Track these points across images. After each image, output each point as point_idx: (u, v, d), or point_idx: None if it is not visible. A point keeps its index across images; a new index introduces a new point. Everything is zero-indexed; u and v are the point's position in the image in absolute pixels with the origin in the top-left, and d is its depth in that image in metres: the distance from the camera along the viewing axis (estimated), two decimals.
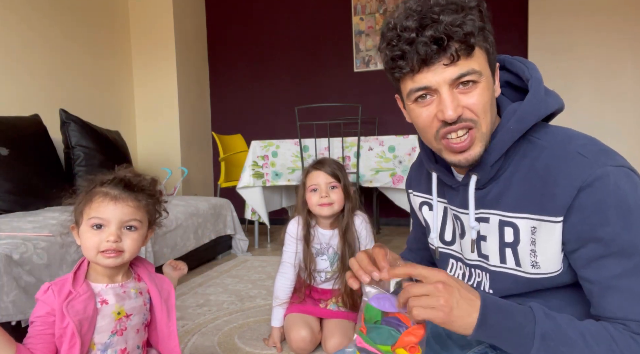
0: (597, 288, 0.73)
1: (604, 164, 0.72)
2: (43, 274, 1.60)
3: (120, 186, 0.95)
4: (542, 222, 0.76)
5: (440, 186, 0.93)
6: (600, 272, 0.72)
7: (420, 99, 0.78)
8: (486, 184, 0.83)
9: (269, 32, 4.40)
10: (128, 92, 4.01)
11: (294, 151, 3.08)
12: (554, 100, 0.82)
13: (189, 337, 1.70)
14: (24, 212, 2.21)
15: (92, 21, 3.54)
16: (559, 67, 3.61)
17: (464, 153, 0.79)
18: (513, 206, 0.80)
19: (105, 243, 0.92)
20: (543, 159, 0.77)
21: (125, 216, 0.94)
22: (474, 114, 0.76)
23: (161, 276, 1.09)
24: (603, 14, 3.54)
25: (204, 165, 4.51)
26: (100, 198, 0.93)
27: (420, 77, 0.76)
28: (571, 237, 0.74)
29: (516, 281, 0.82)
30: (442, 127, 0.78)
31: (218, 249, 3.07)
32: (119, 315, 0.96)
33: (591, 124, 3.57)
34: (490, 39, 0.77)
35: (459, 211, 0.90)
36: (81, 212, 0.95)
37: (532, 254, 0.78)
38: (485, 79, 0.76)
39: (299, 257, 1.61)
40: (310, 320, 1.57)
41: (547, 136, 0.80)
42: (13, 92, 2.84)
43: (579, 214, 0.72)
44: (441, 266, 0.99)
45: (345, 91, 4.21)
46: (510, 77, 0.87)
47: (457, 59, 0.73)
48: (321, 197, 1.53)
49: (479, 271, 0.89)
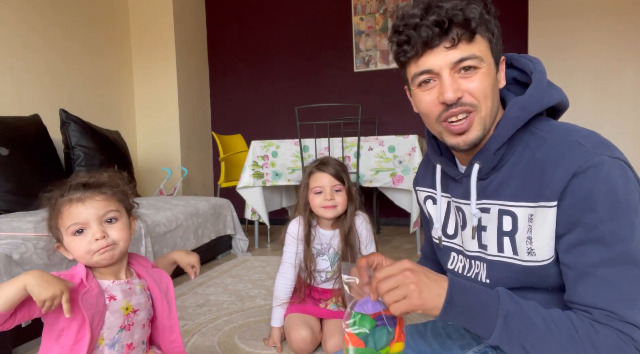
0: (573, 273, 0.75)
1: (601, 154, 0.73)
2: None
3: (79, 189, 0.94)
4: (538, 208, 0.78)
5: (443, 180, 0.96)
6: (579, 258, 0.74)
7: (424, 83, 0.82)
8: (488, 174, 0.85)
9: (269, 32, 4.40)
10: (128, 92, 4.02)
11: (294, 151, 3.08)
12: (557, 92, 0.84)
13: (189, 337, 1.70)
14: (24, 212, 2.21)
15: (92, 21, 3.54)
16: (559, 67, 3.61)
17: (462, 135, 0.82)
18: (512, 195, 0.82)
19: (95, 243, 0.92)
20: (543, 149, 0.79)
21: (99, 210, 0.93)
22: (474, 98, 0.79)
23: (158, 271, 1.09)
24: (603, 14, 3.54)
25: (204, 165, 4.51)
26: (67, 205, 0.92)
27: (423, 60, 0.80)
28: (561, 220, 0.75)
29: (513, 270, 0.83)
30: (444, 111, 0.81)
31: (218, 249, 3.07)
32: (127, 311, 0.97)
33: (591, 124, 3.56)
34: (494, 31, 0.81)
35: (461, 201, 0.91)
36: (56, 227, 0.94)
37: (528, 241, 0.80)
38: (487, 66, 0.79)
39: (299, 258, 1.61)
40: (310, 320, 1.57)
41: (549, 127, 0.82)
42: (13, 92, 2.84)
43: (570, 198, 0.74)
44: (443, 259, 1.01)
45: (345, 91, 4.21)
46: (516, 74, 0.90)
47: (458, 43, 0.77)
48: (325, 200, 1.52)
49: (478, 262, 0.90)
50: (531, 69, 0.86)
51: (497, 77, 0.83)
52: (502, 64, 0.86)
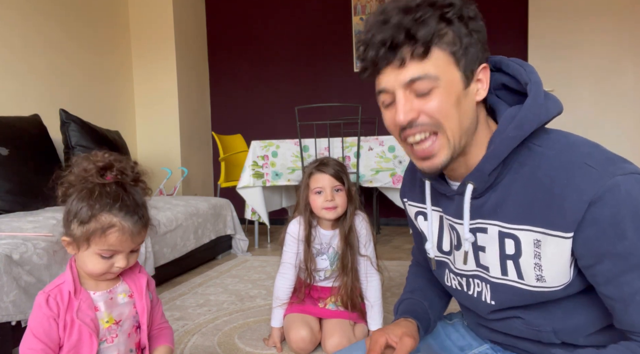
0: (619, 305, 0.71)
1: (612, 174, 0.68)
2: (43, 274, 1.60)
3: (129, 212, 0.88)
4: (548, 236, 0.73)
5: (434, 194, 0.91)
6: (622, 288, 0.70)
7: (385, 101, 0.79)
8: (483, 193, 0.80)
9: (269, 32, 4.40)
10: (128, 92, 4.01)
11: (294, 151, 3.08)
12: (554, 105, 0.78)
13: (189, 337, 1.70)
14: (24, 212, 2.21)
15: (92, 22, 3.54)
16: (559, 67, 3.61)
17: (427, 161, 0.78)
18: (513, 217, 0.77)
19: (115, 268, 0.91)
20: (545, 169, 0.74)
21: (136, 245, 0.93)
22: (431, 119, 0.74)
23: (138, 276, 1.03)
24: (603, 14, 3.54)
25: (204, 165, 4.51)
26: (116, 234, 0.87)
27: (379, 79, 0.77)
28: (585, 252, 0.71)
29: (519, 293, 0.80)
30: (401, 131, 0.77)
31: (218, 249, 3.07)
32: (107, 323, 0.94)
33: (591, 123, 3.57)
34: (462, 40, 0.73)
35: (454, 221, 0.87)
36: (87, 238, 0.87)
37: (537, 268, 0.76)
38: (446, 83, 0.73)
39: (299, 258, 1.61)
40: (309, 320, 1.57)
41: (548, 142, 0.76)
42: (13, 92, 2.84)
43: (593, 229, 0.69)
44: (439, 275, 0.98)
45: (345, 91, 4.21)
46: (506, 79, 0.83)
47: (405, 63, 0.72)
48: (326, 201, 1.52)
49: (478, 281, 0.87)
50: (525, 80, 0.78)
51: (469, 90, 0.75)
52: (484, 72, 0.77)
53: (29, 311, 1.50)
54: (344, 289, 1.58)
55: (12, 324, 1.48)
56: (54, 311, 0.88)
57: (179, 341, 1.67)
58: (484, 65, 0.77)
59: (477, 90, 0.77)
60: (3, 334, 1.47)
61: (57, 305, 0.88)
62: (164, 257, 2.39)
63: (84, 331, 0.89)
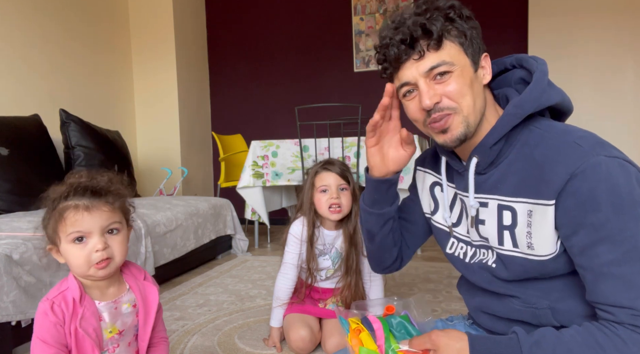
0: (590, 275, 0.77)
1: (597, 154, 0.75)
2: (43, 274, 1.60)
3: (86, 194, 0.90)
4: (537, 205, 0.81)
5: (449, 171, 1.02)
6: (592, 259, 0.76)
7: (408, 94, 0.90)
8: (486, 169, 0.90)
9: (269, 32, 4.40)
10: (128, 92, 4.02)
11: (294, 151, 3.08)
12: (556, 93, 0.87)
13: (189, 337, 1.70)
14: (24, 212, 2.21)
15: (92, 21, 3.54)
16: (559, 65, 3.61)
17: (447, 133, 0.87)
18: (512, 191, 0.86)
19: (95, 254, 0.88)
20: (541, 148, 0.82)
21: (105, 221, 0.90)
22: (452, 101, 0.85)
23: (147, 285, 1.03)
24: (603, 13, 3.54)
25: (204, 165, 4.51)
26: (72, 211, 0.88)
27: (400, 74, 0.89)
28: (565, 222, 0.78)
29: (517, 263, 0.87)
30: (427, 117, 0.88)
31: (218, 249, 3.07)
32: (110, 334, 0.93)
33: (591, 121, 3.57)
34: (466, 33, 0.86)
35: (463, 194, 0.96)
36: (55, 230, 0.90)
37: (528, 236, 0.84)
38: (460, 67, 0.85)
39: (301, 258, 1.61)
40: (309, 320, 1.57)
41: (548, 127, 0.85)
42: (13, 92, 2.84)
43: (572, 200, 0.76)
44: (441, 243, 1.07)
45: (345, 91, 4.21)
46: (524, 74, 0.93)
47: (424, 54, 0.84)
48: (332, 198, 1.52)
49: (484, 250, 0.96)
50: (534, 70, 0.88)
51: (478, 74, 0.88)
52: (485, 60, 0.90)
53: (29, 311, 1.50)
54: (347, 289, 1.58)
55: (12, 324, 1.48)
56: (59, 318, 0.88)
57: (179, 341, 1.67)
58: (485, 54, 0.90)
59: (483, 75, 0.89)
60: (3, 334, 1.47)
61: (62, 312, 0.88)
62: (164, 258, 2.39)
63: (86, 341, 0.89)
